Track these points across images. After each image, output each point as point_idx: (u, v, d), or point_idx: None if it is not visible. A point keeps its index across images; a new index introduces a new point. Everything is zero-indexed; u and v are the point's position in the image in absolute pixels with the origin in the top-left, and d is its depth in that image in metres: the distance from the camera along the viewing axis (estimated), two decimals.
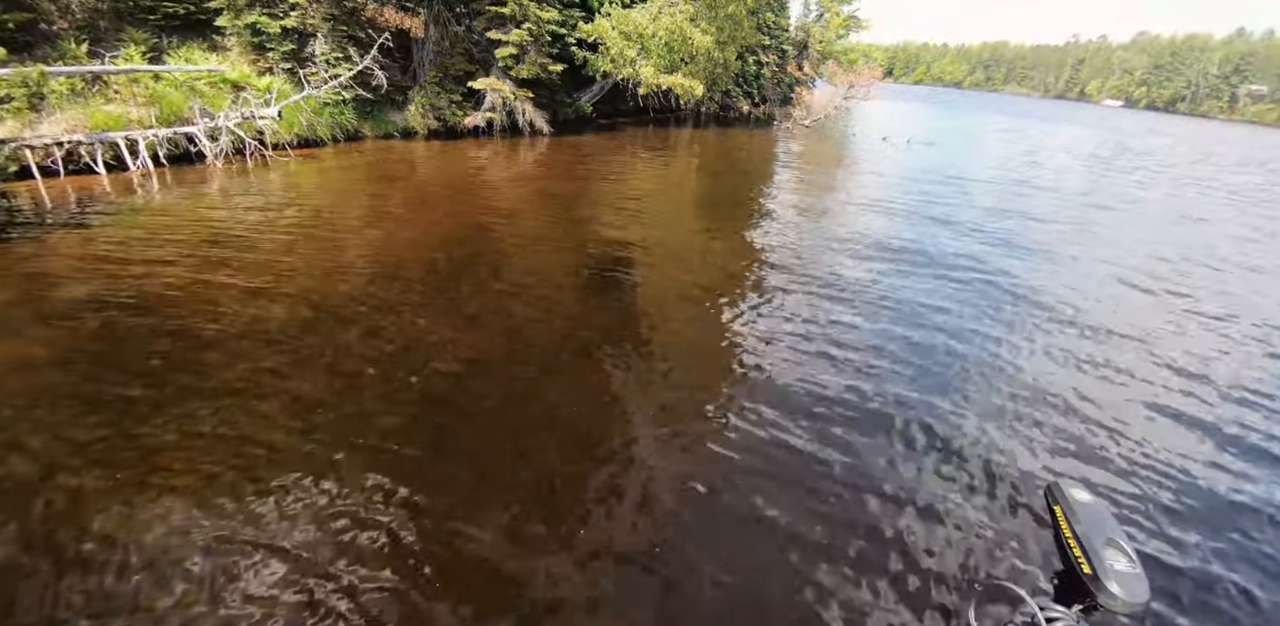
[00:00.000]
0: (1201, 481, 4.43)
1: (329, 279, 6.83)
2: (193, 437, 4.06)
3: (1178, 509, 4.11)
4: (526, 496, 3.81)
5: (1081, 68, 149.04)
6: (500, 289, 6.97)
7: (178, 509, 3.48)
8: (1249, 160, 32.37)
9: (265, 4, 13.88)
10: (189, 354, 5.07)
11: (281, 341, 5.38)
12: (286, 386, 4.72)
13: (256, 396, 4.57)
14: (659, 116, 25.82)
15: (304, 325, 5.74)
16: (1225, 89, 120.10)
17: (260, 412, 4.37)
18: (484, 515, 3.61)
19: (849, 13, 34.86)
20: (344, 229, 8.62)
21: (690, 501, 3.87)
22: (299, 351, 5.25)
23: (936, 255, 9.38)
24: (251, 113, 12.20)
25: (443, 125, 16.19)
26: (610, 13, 18.55)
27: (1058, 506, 3.49)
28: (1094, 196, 16.27)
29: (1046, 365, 6.10)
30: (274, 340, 5.40)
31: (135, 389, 4.56)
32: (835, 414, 4.92)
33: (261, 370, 4.91)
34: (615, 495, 3.88)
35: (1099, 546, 2.92)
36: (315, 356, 5.19)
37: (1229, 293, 8.96)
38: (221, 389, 4.63)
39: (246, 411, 4.38)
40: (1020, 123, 47.79)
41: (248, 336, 5.44)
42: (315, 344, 5.41)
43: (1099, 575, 2.80)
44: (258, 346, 5.27)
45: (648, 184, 13.74)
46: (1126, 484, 4.32)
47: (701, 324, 6.50)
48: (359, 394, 4.70)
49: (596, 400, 4.93)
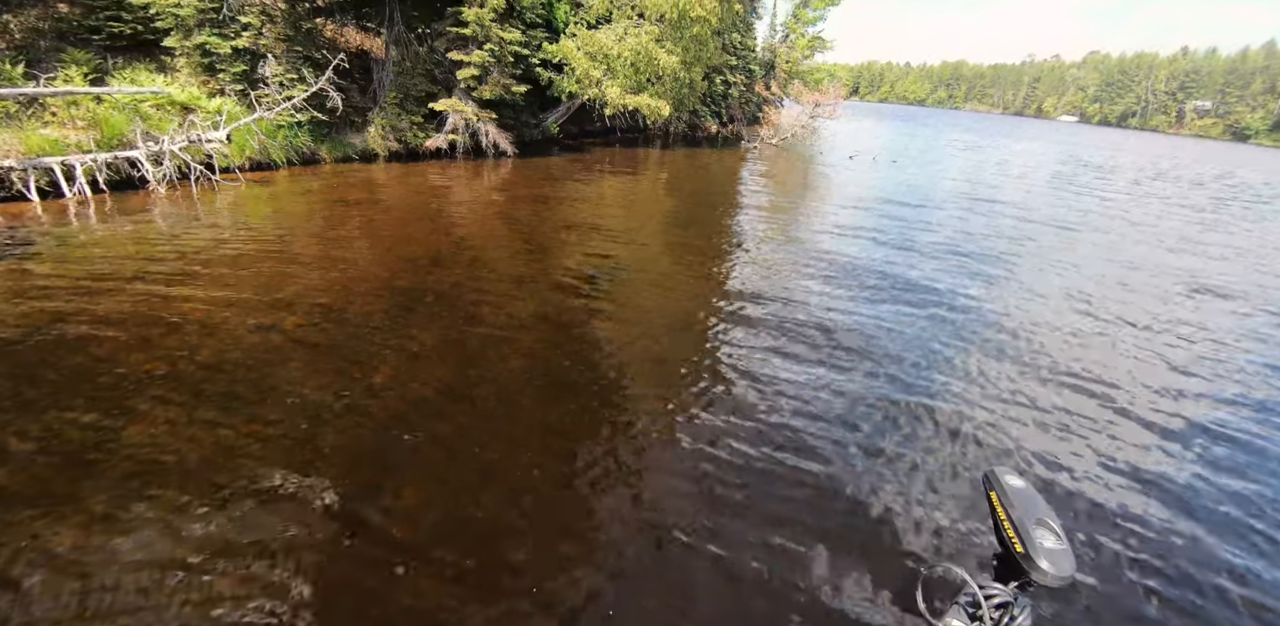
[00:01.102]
0: (1127, 472, 4.94)
1: (270, 312, 6.40)
2: (100, 482, 3.61)
3: (1102, 493, 4.62)
4: (474, 545, 3.48)
5: (1038, 85, 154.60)
6: (457, 321, 6.61)
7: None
8: (1204, 176, 33.45)
9: (216, 24, 13.46)
10: (108, 398, 4.61)
11: (212, 380, 4.95)
12: (214, 436, 4.28)
13: (178, 447, 4.13)
14: (627, 136, 25.74)
15: (238, 363, 5.30)
16: (1172, 104, 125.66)
17: (183, 463, 3.94)
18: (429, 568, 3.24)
19: (814, 34, 35.58)
20: (289, 258, 8.18)
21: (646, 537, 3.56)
22: (233, 393, 4.82)
23: (900, 280, 9.27)
24: (198, 136, 11.71)
25: (404, 147, 15.82)
26: (576, 34, 18.47)
27: (993, 492, 3.72)
28: (1054, 213, 16.48)
29: (996, 383, 5.96)
30: (205, 380, 4.96)
31: (29, 443, 4.09)
32: (797, 435, 4.81)
33: (190, 416, 4.47)
34: (574, 544, 3.54)
35: (1030, 527, 3.12)
36: (249, 398, 4.77)
37: (1184, 311, 9.01)
38: (139, 441, 4.18)
39: (162, 467, 3.94)
40: (981, 139, 49.00)
41: (175, 377, 5.00)
42: (251, 381, 4.99)
43: (1030, 553, 3.01)
44: (184, 389, 4.82)
45: (613, 208, 13.52)
46: (1058, 472, 4.83)
47: (668, 355, 6.20)
48: (292, 443, 4.28)
49: (556, 443, 4.58)
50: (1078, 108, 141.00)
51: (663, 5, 18.13)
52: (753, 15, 33.63)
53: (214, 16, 13.40)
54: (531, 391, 5.32)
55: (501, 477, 4.19)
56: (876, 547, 3.89)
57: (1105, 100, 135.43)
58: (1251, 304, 9.68)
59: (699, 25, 19.05)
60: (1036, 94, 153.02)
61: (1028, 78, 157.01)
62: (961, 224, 13.93)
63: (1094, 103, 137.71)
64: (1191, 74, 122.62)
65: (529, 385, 5.42)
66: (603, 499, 4.10)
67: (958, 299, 8.58)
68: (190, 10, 13.24)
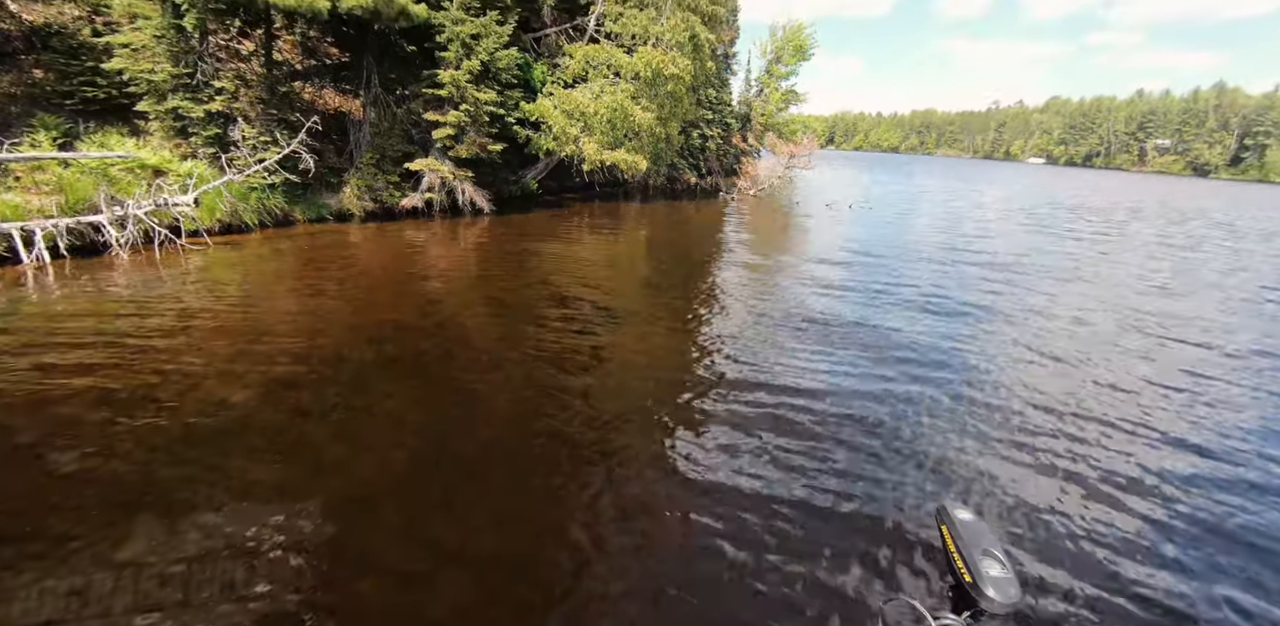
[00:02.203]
0: (1071, 505, 5.11)
1: (224, 385, 6.02)
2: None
3: (1047, 525, 4.79)
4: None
5: (1004, 130, 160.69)
6: (427, 392, 6.26)
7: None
8: (1172, 211, 34.24)
9: (190, 88, 13.50)
10: (38, 481, 4.17)
11: (153, 463, 4.52)
12: (148, 535, 3.84)
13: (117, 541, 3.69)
14: (606, 191, 25.98)
15: (188, 440, 4.90)
16: (1134, 144, 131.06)
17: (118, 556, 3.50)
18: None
19: (787, 87, 36.75)
20: (247, 328, 7.83)
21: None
22: (187, 477, 4.39)
23: (882, 338, 9.07)
24: (165, 200, 11.51)
25: (379, 207, 15.73)
26: (553, 92, 18.82)
27: (944, 525, 3.91)
28: (1031, 259, 16.59)
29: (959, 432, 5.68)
30: (148, 463, 4.53)
31: None
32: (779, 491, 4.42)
33: (128, 503, 4.03)
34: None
35: (977, 557, 3.27)
36: (198, 480, 4.35)
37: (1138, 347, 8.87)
38: (67, 534, 3.74)
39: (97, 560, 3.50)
40: (953, 184, 50.28)
41: (118, 456, 4.58)
42: (197, 458, 4.58)
43: (978, 582, 3.13)
44: (118, 481, 4.39)
45: (592, 267, 13.38)
46: (1004, 504, 5.03)
47: (644, 424, 5.86)
48: (242, 538, 3.85)
49: (514, 530, 4.19)
50: (1044, 150, 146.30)
51: (637, 64, 18.59)
52: (727, 72, 34.78)
53: (188, 81, 13.45)
54: (499, 468, 4.95)
55: (463, 564, 3.82)
56: (835, 585, 3.99)
57: (1070, 142, 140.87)
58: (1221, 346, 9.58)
59: (673, 82, 19.51)
60: (1004, 138, 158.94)
61: (994, 123, 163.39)
62: (937, 275, 13.90)
63: (1060, 144, 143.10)
64: (1149, 114, 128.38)
65: (497, 462, 5.05)
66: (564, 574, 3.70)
67: (929, 353, 8.38)
68: (164, 75, 13.29)
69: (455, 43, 15.15)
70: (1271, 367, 8.78)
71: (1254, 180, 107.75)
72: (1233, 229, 28.39)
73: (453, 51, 15.16)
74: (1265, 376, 8.40)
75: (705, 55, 21.59)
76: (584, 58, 19.35)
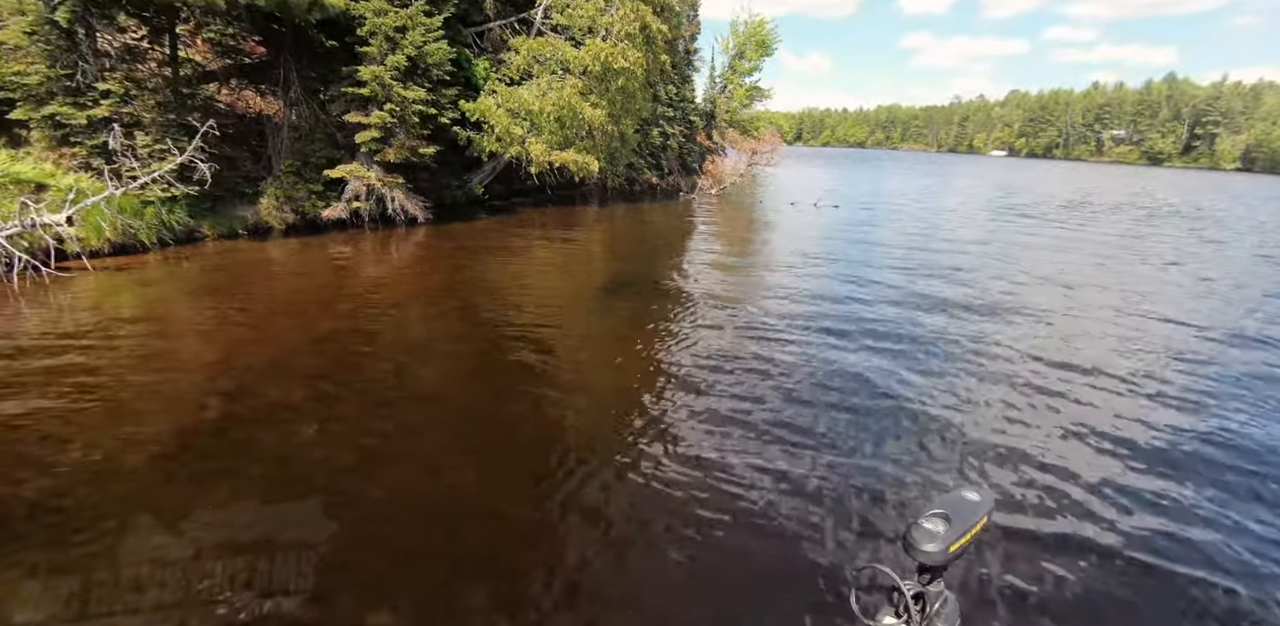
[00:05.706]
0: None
1: (104, 433, 4.64)
2: None
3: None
4: None
5: (967, 124, 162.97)
6: (354, 438, 5.01)
7: None
8: (1124, 204, 34.08)
9: (71, 92, 11.89)
10: None
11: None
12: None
13: None
14: (560, 194, 24.34)
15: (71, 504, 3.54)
16: (1091, 135, 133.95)
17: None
18: None
19: (751, 83, 35.75)
20: (114, 378, 6.40)
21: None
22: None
23: (837, 333, 7.98)
24: (32, 220, 9.94)
25: (301, 219, 14.22)
26: (496, 90, 17.45)
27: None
28: (993, 247, 15.74)
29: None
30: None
31: None
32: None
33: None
34: None
35: (932, 518, 2.86)
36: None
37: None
38: None
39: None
40: (918, 178, 49.99)
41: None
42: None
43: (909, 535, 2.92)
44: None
45: (537, 278, 12.11)
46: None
47: (599, 443, 4.65)
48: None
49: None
50: (1006, 143, 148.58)
51: (585, 58, 17.32)
52: (690, 68, 33.66)
53: (67, 83, 11.85)
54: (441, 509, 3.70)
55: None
56: (816, 561, 4.04)
57: (1030, 135, 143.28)
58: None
59: (625, 77, 18.28)
60: (967, 132, 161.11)
61: (957, 117, 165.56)
62: (902, 277, 12.87)
63: (1020, 137, 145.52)
64: (1105, 106, 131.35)
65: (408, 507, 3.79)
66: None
67: (898, 349, 7.35)
68: (39, 78, 11.68)
69: (378, 36, 13.74)
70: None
71: (1206, 167, 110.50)
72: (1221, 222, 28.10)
73: (375, 46, 13.74)
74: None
75: (659, 47, 20.35)
76: (529, 52, 18.01)
